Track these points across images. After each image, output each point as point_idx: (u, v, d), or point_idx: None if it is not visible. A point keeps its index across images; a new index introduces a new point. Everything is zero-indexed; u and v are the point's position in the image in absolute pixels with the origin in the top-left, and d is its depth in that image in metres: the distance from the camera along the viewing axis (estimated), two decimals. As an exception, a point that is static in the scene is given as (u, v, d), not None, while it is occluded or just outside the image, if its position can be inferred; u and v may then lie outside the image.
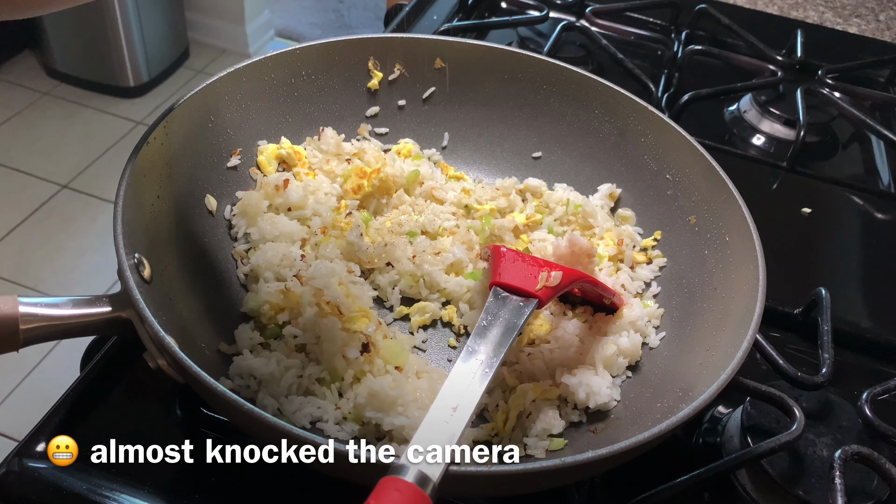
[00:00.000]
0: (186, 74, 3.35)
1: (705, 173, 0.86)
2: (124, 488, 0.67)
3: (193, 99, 0.83)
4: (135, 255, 0.67)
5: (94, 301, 0.66)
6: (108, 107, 3.08)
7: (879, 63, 1.45)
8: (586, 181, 0.98)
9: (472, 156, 1.03)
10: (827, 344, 0.82)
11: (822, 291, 0.88)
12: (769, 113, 1.28)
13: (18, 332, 0.62)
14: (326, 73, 0.96)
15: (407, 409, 0.69)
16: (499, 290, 0.71)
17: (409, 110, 1.01)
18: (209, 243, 0.84)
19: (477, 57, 0.99)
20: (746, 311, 0.71)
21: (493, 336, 0.66)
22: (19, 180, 2.74)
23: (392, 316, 0.85)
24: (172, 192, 0.80)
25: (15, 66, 3.18)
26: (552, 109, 0.99)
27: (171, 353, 0.60)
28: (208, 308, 0.77)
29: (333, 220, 0.88)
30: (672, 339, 0.81)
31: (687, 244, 0.87)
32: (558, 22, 1.32)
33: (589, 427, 0.74)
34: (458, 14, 1.41)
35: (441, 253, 0.88)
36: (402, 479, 0.51)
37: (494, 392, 0.76)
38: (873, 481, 0.71)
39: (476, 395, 0.60)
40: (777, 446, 0.70)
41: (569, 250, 0.80)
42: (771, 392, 0.74)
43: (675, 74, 1.33)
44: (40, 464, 0.68)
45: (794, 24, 1.55)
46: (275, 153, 0.92)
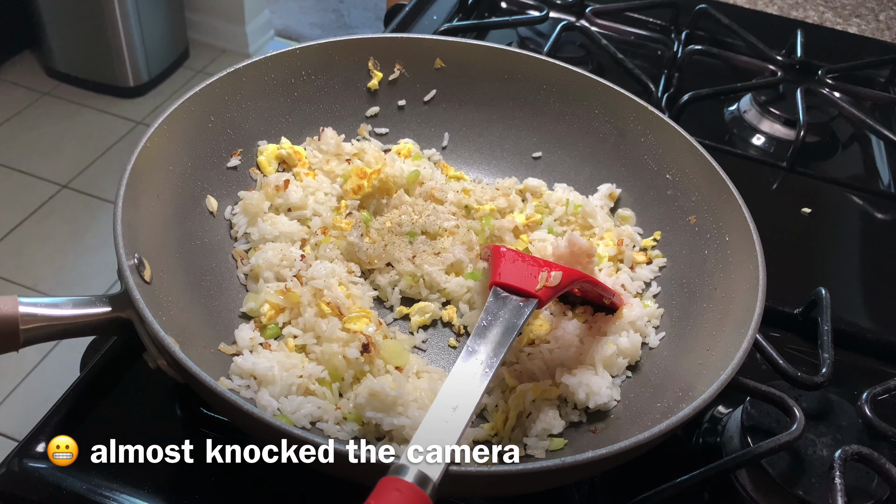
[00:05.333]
0: (186, 74, 3.35)
1: (705, 173, 0.86)
2: (124, 488, 0.67)
3: (193, 99, 0.83)
4: (135, 255, 0.67)
5: (94, 301, 0.66)
6: (108, 107, 3.08)
7: (879, 63, 1.45)
8: (586, 181, 0.98)
9: (472, 156, 1.03)
10: (827, 344, 0.82)
11: (822, 291, 0.88)
12: (769, 113, 1.28)
13: (18, 332, 0.62)
14: (326, 73, 0.96)
15: (407, 409, 0.69)
16: (499, 290, 0.71)
17: (409, 110, 1.01)
18: (209, 243, 0.84)
19: (477, 57, 0.99)
20: (746, 311, 0.71)
21: (493, 336, 0.66)
22: (19, 180, 2.74)
23: (392, 316, 0.85)
24: (172, 192, 0.80)
25: (15, 66, 3.18)
26: (552, 109, 0.99)
27: (171, 354, 0.60)
28: (208, 308, 0.77)
29: (333, 220, 0.88)
30: (672, 339, 0.81)
31: (687, 244, 0.87)
32: (558, 22, 1.32)
33: (589, 427, 0.74)
34: (458, 14, 1.41)
35: (441, 253, 0.88)
36: (402, 479, 0.51)
37: (494, 392, 0.76)
38: (873, 481, 0.71)
39: (476, 395, 0.60)
40: (777, 446, 0.70)
41: (568, 250, 0.80)
42: (771, 392, 0.74)
43: (675, 74, 1.33)
44: (40, 464, 0.68)
45: (794, 24, 1.55)
46: (275, 153, 0.93)
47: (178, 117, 0.80)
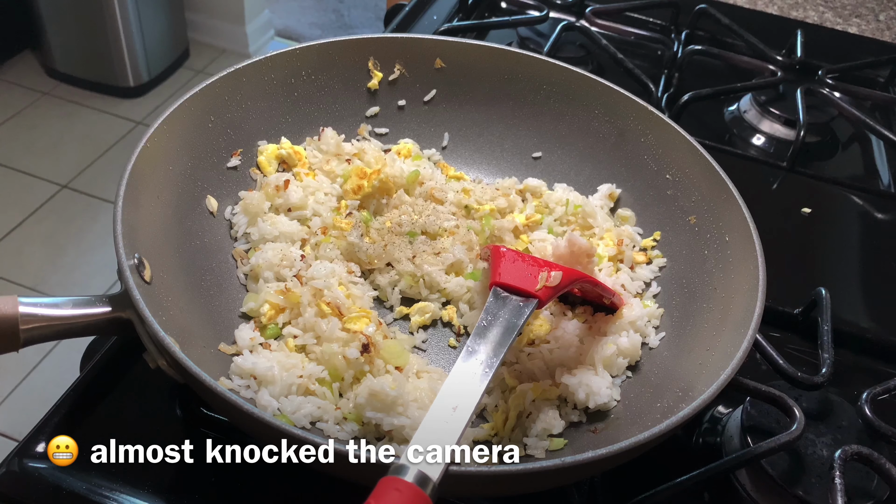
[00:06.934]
0: (186, 74, 3.35)
1: (705, 173, 0.86)
2: (124, 488, 0.67)
3: (193, 99, 0.83)
4: (135, 255, 0.67)
5: (94, 301, 0.66)
6: (108, 107, 3.08)
7: (879, 63, 1.45)
8: (586, 181, 0.98)
9: (472, 156, 1.02)
10: (827, 344, 0.82)
11: (822, 291, 0.88)
12: (769, 113, 1.28)
13: (18, 332, 0.62)
14: (326, 73, 0.96)
15: (407, 409, 0.69)
16: (499, 290, 0.71)
17: (409, 110, 1.01)
18: (209, 243, 0.84)
19: (477, 57, 0.99)
20: (746, 311, 0.71)
21: (493, 336, 0.66)
22: (19, 180, 2.74)
23: (392, 316, 0.85)
24: (172, 192, 0.80)
25: (15, 66, 3.18)
26: (552, 109, 0.99)
27: (171, 354, 0.60)
28: (208, 308, 0.77)
29: (333, 220, 0.88)
30: (672, 339, 0.81)
31: (687, 244, 0.87)
32: (558, 22, 1.32)
33: (589, 427, 0.74)
34: (458, 14, 1.41)
35: (441, 253, 0.88)
36: (402, 479, 0.51)
37: (494, 392, 0.76)
38: (873, 481, 0.71)
39: (476, 395, 0.60)
40: (777, 446, 0.70)
41: (568, 250, 0.80)
42: (771, 392, 0.74)
43: (675, 74, 1.33)
44: (40, 464, 0.68)
45: (794, 24, 1.55)
46: (275, 153, 0.93)
47: (178, 117, 0.80)
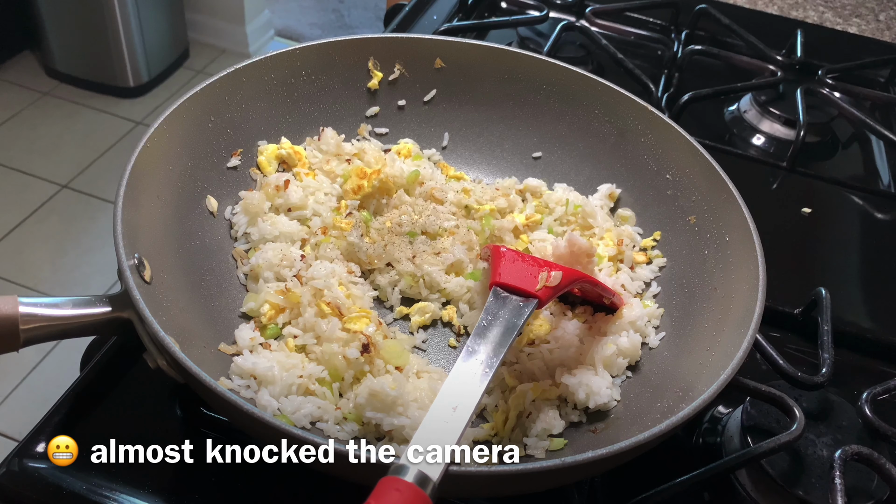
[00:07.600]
0: (186, 74, 3.35)
1: (705, 173, 0.86)
2: (124, 488, 0.67)
3: (193, 99, 0.83)
4: (135, 255, 0.67)
5: (94, 301, 0.66)
6: (108, 107, 3.08)
7: (879, 63, 1.45)
8: (586, 181, 0.98)
9: (472, 156, 1.02)
10: (827, 344, 0.82)
11: (822, 291, 0.88)
12: (769, 113, 1.28)
13: (18, 332, 0.62)
14: (326, 73, 0.96)
15: (407, 409, 0.69)
16: (499, 290, 0.71)
17: (409, 110, 1.01)
18: (209, 243, 0.84)
19: (477, 57, 0.99)
20: (746, 311, 0.71)
21: (493, 336, 0.66)
22: (19, 180, 2.74)
23: (392, 316, 0.85)
24: (172, 192, 0.80)
25: (15, 66, 3.18)
26: (552, 109, 0.99)
27: (171, 354, 0.60)
28: (208, 308, 0.77)
29: (333, 220, 0.88)
30: (672, 339, 0.81)
31: (687, 244, 0.87)
32: (558, 22, 1.32)
33: (589, 427, 0.74)
34: (458, 14, 1.41)
35: (441, 253, 0.88)
36: (402, 479, 0.51)
37: (494, 392, 0.76)
38: (873, 481, 0.71)
39: (476, 395, 0.60)
40: (777, 446, 0.70)
41: (568, 250, 0.80)
42: (771, 392, 0.74)
43: (675, 74, 1.33)
44: (40, 464, 0.68)
45: (794, 24, 1.55)
46: (275, 153, 0.93)
47: (178, 117, 0.80)
